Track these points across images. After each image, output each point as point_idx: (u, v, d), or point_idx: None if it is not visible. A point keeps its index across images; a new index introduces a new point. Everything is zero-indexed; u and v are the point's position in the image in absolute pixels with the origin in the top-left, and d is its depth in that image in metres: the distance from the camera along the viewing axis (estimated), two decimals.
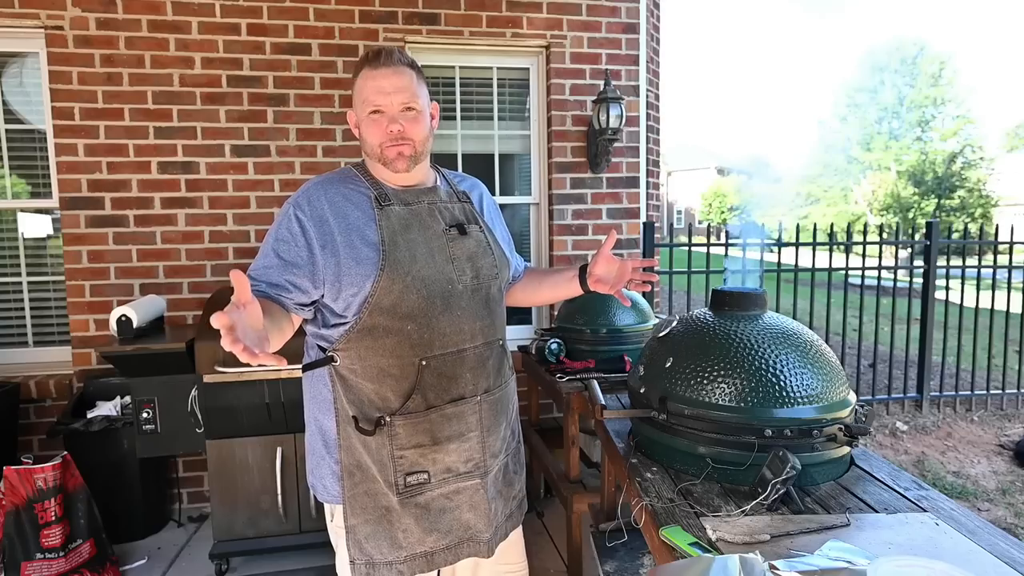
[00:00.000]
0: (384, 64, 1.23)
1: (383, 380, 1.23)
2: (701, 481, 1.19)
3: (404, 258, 1.22)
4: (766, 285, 1.53)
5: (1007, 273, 4.50)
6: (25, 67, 2.97)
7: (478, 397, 1.31)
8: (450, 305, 1.26)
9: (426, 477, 1.27)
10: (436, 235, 1.28)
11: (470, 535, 1.33)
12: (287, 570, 2.50)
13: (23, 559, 2.23)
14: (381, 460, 1.24)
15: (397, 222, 1.25)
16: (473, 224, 1.36)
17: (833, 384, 1.21)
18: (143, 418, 2.48)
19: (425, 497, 1.27)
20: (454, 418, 1.28)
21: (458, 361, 1.28)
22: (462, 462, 1.30)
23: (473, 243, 1.33)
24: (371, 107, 1.24)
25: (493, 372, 1.35)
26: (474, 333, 1.30)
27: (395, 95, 1.23)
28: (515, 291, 1.58)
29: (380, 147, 1.25)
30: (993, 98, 65.20)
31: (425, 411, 1.25)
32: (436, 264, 1.25)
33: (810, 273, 4.11)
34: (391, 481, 1.25)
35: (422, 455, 1.26)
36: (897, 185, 23.81)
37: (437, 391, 1.26)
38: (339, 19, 3.04)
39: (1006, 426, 4.14)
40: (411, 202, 1.29)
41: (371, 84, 1.23)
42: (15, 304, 3.07)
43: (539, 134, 3.41)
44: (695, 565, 0.83)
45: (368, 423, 1.24)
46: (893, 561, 0.84)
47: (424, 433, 1.25)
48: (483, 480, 1.32)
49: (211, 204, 3.00)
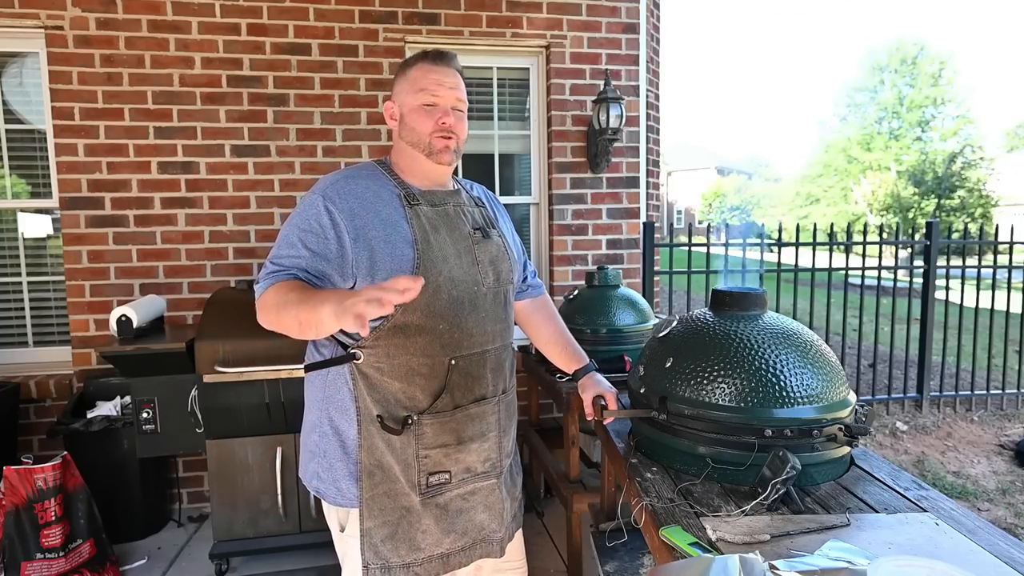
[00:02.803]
0: (446, 63, 1.30)
1: (412, 379, 1.23)
2: (701, 481, 1.19)
3: (437, 258, 1.23)
4: (766, 285, 1.53)
5: (1007, 273, 4.50)
6: (25, 67, 2.97)
7: (497, 397, 1.34)
8: (476, 307, 1.28)
9: (447, 477, 1.27)
10: (463, 237, 1.30)
11: (483, 536, 1.34)
12: (287, 570, 2.50)
13: (23, 559, 2.23)
14: (406, 460, 1.24)
15: (427, 222, 1.26)
16: (493, 228, 1.39)
17: (833, 384, 1.21)
18: (143, 418, 2.48)
19: (445, 497, 1.28)
20: (477, 418, 1.29)
21: (482, 362, 1.30)
22: (480, 462, 1.31)
23: (495, 247, 1.35)
24: (429, 97, 1.28)
25: (508, 374, 1.39)
26: (495, 335, 1.32)
27: (453, 91, 1.29)
28: (524, 306, 1.58)
29: (430, 136, 1.27)
30: (993, 98, 65.19)
31: (452, 411, 1.26)
32: (463, 266, 1.27)
33: (810, 273, 4.11)
34: (414, 481, 1.24)
35: (446, 455, 1.26)
36: (897, 185, 23.80)
37: (463, 391, 1.27)
38: (339, 19, 3.04)
39: (1006, 426, 4.14)
40: (438, 203, 1.31)
41: (432, 76, 1.28)
42: (15, 304, 3.07)
43: (539, 134, 3.41)
44: (695, 565, 0.83)
45: (395, 422, 1.23)
46: (893, 561, 0.84)
47: (450, 432, 1.26)
48: (499, 480, 1.35)
49: (211, 204, 3.00)
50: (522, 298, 1.57)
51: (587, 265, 3.33)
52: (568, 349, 1.57)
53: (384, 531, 1.25)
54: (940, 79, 25.18)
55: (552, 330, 1.58)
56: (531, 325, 1.60)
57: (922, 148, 24.80)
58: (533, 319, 1.59)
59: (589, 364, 1.54)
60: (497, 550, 1.36)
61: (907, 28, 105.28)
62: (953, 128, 24.63)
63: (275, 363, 2.32)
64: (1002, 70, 70.36)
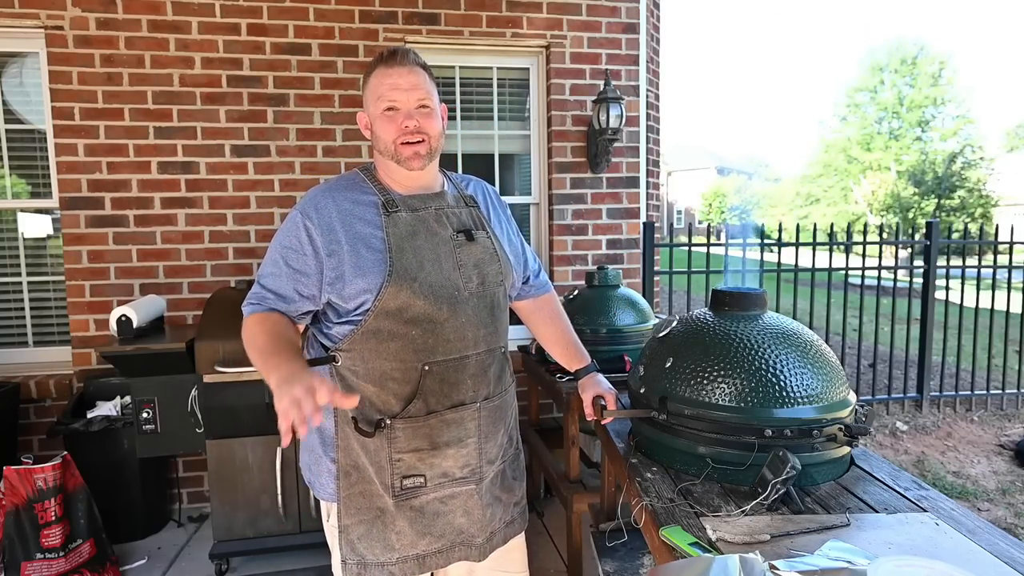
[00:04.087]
0: (399, 63, 1.25)
1: (385, 383, 1.24)
2: (701, 481, 1.19)
3: (411, 265, 1.22)
4: (766, 285, 1.53)
5: (1007, 273, 4.50)
6: (25, 67, 2.97)
7: (478, 404, 1.31)
8: (456, 312, 1.26)
9: (422, 481, 1.27)
10: (443, 241, 1.28)
11: (462, 539, 1.33)
12: (287, 570, 2.50)
13: (23, 559, 2.23)
14: (379, 462, 1.25)
15: (404, 228, 1.25)
16: (480, 230, 1.35)
17: (833, 384, 1.21)
18: (143, 418, 2.48)
19: (420, 500, 1.28)
20: (453, 424, 1.28)
21: (460, 367, 1.28)
22: (458, 467, 1.30)
23: (480, 249, 1.32)
24: (387, 103, 1.25)
25: (494, 379, 1.35)
26: (477, 340, 1.30)
27: (410, 92, 1.24)
28: (525, 306, 1.58)
29: (395, 144, 1.25)
30: (993, 98, 65.20)
31: (425, 416, 1.25)
32: (443, 271, 1.25)
33: (810, 273, 4.11)
34: (387, 483, 1.25)
35: (420, 459, 1.26)
36: (897, 185, 23.80)
37: (438, 396, 1.26)
38: (339, 19, 3.04)
39: (1006, 426, 4.14)
40: (418, 208, 1.29)
41: (387, 81, 1.24)
42: (15, 304, 3.07)
43: (539, 134, 3.41)
44: (695, 565, 0.83)
45: (368, 424, 1.23)
46: (893, 561, 0.84)
47: (423, 438, 1.25)
48: (478, 486, 1.33)
49: (211, 204, 3.00)
50: (523, 298, 1.56)
51: (587, 265, 3.33)
52: (570, 348, 1.56)
53: (360, 529, 1.27)
54: (940, 79, 25.17)
55: (553, 329, 1.57)
56: (532, 324, 1.59)
57: (922, 148, 24.80)
58: (533, 319, 1.58)
59: (590, 364, 1.54)
60: (476, 554, 1.34)
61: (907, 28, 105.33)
62: (953, 128, 24.63)
63: None
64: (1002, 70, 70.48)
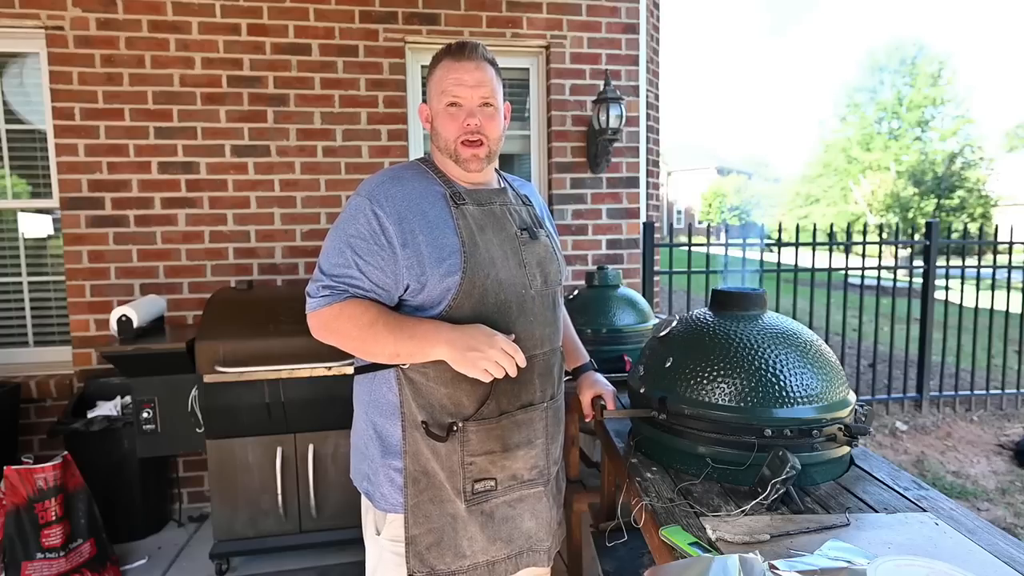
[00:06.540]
0: (467, 57, 1.22)
1: (458, 384, 1.20)
2: (701, 481, 1.19)
3: (484, 260, 1.19)
4: (766, 285, 1.53)
5: (1007, 273, 4.50)
6: (25, 67, 2.97)
7: (545, 403, 1.30)
8: (524, 310, 1.24)
9: (493, 484, 1.24)
10: (510, 237, 1.26)
11: (531, 544, 1.31)
12: (287, 570, 2.50)
13: (23, 559, 2.23)
14: (451, 467, 1.21)
15: (474, 222, 1.22)
16: (540, 228, 1.34)
17: (833, 384, 1.21)
18: (143, 418, 2.48)
19: (490, 504, 1.25)
20: (524, 425, 1.26)
21: (529, 366, 1.24)
22: (527, 469, 1.28)
23: (542, 248, 1.31)
24: (450, 98, 1.22)
25: (557, 379, 1.34)
26: (543, 339, 1.28)
27: (476, 89, 1.21)
28: None
29: (455, 142, 1.23)
30: (993, 98, 65.19)
31: (498, 417, 1.22)
32: (510, 268, 1.23)
33: (810, 273, 4.11)
34: (459, 488, 1.22)
35: (491, 462, 1.23)
36: (897, 185, 23.79)
37: (510, 397, 1.24)
38: (339, 19, 3.04)
39: (1006, 426, 4.14)
40: (484, 202, 1.26)
41: (452, 76, 1.22)
42: (15, 304, 3.07)
43: (539, 134, 3.41)
44: (695, 565, 0.83)
45: (439, 428, 1.20)
46: (893, 561, 0.84)
47: (495, 440, 1.23)
48: (546, 488, 1.32)
49: (211, 204, 3.00)
50: None
51: (587, 265, 3.33)
52: (569, 347, 1.55)
53: (430, 538, 1.22)
54: (939, 79, 25.18)
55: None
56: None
57: (922, 148, 24.80)
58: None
59: (587, 364, 1.53)
60: (544, 559, 1.33)
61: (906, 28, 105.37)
62: (953, 128, 24.63)
63: (275, 363, 2.33)
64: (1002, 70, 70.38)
